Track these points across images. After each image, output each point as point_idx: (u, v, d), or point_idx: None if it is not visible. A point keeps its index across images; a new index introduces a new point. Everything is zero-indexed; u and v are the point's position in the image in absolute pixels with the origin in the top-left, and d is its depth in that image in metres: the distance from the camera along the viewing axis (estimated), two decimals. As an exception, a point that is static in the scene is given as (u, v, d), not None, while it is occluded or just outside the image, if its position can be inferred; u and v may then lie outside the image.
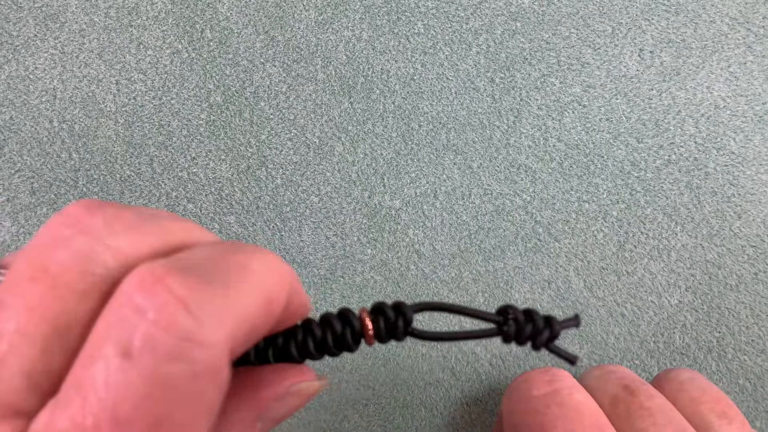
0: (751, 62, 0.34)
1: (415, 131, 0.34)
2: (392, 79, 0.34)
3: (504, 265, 0.32)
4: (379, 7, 0.35)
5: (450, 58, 0.34)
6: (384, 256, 0.32)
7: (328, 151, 0.33)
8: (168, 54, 0.34)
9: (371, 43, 0.34)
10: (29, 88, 0.34)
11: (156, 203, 0.33)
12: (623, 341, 0.32)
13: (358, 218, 0.33)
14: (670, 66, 0.34)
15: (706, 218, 0.32)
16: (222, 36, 0.35)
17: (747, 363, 0.31)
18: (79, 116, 0.34)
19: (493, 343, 0.32)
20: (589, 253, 0.32)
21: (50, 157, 0.33)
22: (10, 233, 0.32)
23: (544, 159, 0.33)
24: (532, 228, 0.33)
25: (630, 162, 0.33)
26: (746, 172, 0.33)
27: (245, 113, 0.34)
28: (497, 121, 0.34)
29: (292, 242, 0.33)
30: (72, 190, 0.33)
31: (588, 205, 0.33)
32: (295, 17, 0.35)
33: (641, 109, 0.34)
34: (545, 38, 0.34)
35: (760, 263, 0.32)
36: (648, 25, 0.34)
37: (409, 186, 0.33)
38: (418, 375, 0.32)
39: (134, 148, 0.33)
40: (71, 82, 0.34)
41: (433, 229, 0.33)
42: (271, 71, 0.34)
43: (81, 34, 0.35)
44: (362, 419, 0.32)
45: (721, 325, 0.32)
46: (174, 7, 0.35)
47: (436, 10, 0.35)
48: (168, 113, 0.34)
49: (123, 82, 0.34)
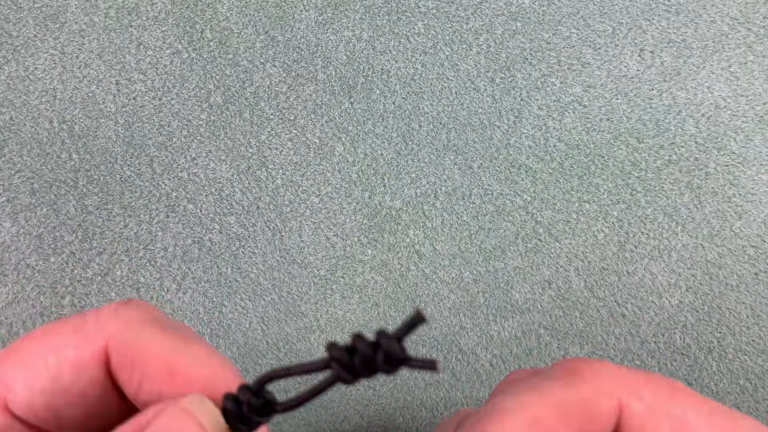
0: (751, 62, 0.34)
1: (416, 131, 0.34)
2: (392, 79, 0.34)
3: (504, 265, 0.32)
4: (380, 7, 0.35)
5: (450, 58, 0.34)
6: (384, 256, 0.32)
7: (329, 152, 0.33)
8: (168, 54, 0.34)
9: (371, 43, 0.34)
10: (29, 88, 0.34)
11: (156, 204, 0.33)
12: (624, 341, 0.32)
13: (358, 219, 0.33)
14: (670, 66, 0.34)
15: (706, 218, 0.32)
16: (222, 36, 0.35)
17: (748, 363, 0.31)
18: (79, 116, 0.34)
19: (493, 344, 0.32)
20: (590, 253, 0.32)
21: (50, 158, 0.33)
22: (10, 234, 0.32)
23: (545, 159, 0.33)
24: (533, 228, 0.33)
25: (630, 162, 0.33)
26: (747, 172, 0.33)
27: (245, 113, 0.34)
28: (498, 121, 0.34)
29: (293, 243, 0.33)
30: (72, 190, 0.33)
31: (588, 205, 0.33)
32: (295, 17, 0.35)
33: (642, 109, 0.34)
34: (546, 38, 0.34)
35: (761, 263, 0.32)
36: (648, 25, 0.34)
37: (410, 186, 0.33)
38: (419, 375, 0.32)
39: (134, 148, 0.33)
40: (71, 83, 0.34)
41: (433, 229, 0.33)
42: (271, 71, 0.34)
43: (81, 34, 0.35)
44: (362, 420, 0.32)
45: (722, 325, 0.32)
46: (174, 7, 0.35)
47: (436, 10, 0.35)
48: (168, 114, 0.34)
49: (123, 83, 0.34)
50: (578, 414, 0.15)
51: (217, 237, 0.33)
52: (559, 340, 0.32)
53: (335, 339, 0.32)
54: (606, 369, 0.16)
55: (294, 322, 0.32)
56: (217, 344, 0.32)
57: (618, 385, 0.16)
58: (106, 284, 0.32)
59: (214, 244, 0.33)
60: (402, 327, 0.13)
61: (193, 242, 0.33)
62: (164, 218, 0.33)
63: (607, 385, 0.16)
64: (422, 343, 0.32)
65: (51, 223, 0.33)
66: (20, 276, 0.32)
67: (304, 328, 0.32)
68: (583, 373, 0.16)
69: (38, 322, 0.32)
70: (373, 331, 0.23)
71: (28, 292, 0.32)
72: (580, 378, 0.16)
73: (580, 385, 0.15)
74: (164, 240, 0.33)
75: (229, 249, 0.33)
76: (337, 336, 0.32)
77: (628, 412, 0.16)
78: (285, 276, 0.32)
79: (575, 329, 0.32)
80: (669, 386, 0.16)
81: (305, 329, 0.32)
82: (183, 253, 0.33)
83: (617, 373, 0.16)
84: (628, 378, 0.16)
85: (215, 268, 0.32)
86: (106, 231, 0.33)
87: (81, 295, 0.32)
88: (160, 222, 0.33)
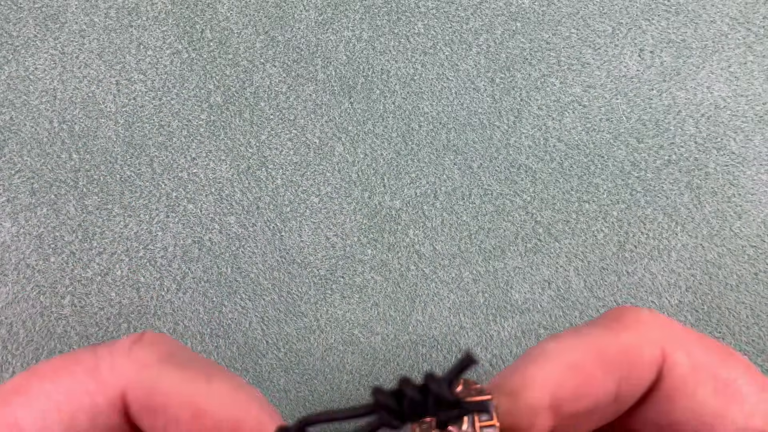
0: (751, 62, 0.34)
1: (416, 131, 0.34)
2: (392, 79, 0.34)
3: (504, 265, 0.32)
4: (379, 7, 0.35)
5: (450, 58, 0.34)
6: (384, 256, 0.33)
7: (329, 152, 0.33)
8: (168, 54, 0.34)
9: (371, 43, 0.34)
10: (29, 88, 0.34)
11: (156, 204, 0.33)
12: (623, 341, 0.32)
13: (358, 219, 0.33)
14: (670, 66, 0.34)
15: (706, 218, 0.32)
16: (222, 36, 0.35)
17: (747, 363, 0.31)
18: (79, 117, 0.34)
19: (493, 344, 0.32)
20: (590, 253, 0.32)
21: (50, 158, 0.33)
22: (10, 234, 0.32)
23: (545, 159, 0.33)
24: (533, 228, 0.33)
25: (630, 162, 0.33)
26: (747, 172, 0.33)
27: (245, 113, 0.34)
28: (497, 121, 0.34)
29: (292, 243, 0.33)
30: (72, 190, 0.33)
31: (588, 205, 0.33)
32: (295, 17, 0.35)
33: (641, 109, 0.34)
34: (545, 38, 0.34)
35: (761, 263, 0.32)
36: (648, 25, 0.34)
37: (410, 186, 0.33)
38: (419, 375, 0.32)
39: (134, 148, 0.33)
40: (71, 83, 0.34)
41: (433, 229, 0.33)
42: (271, 71, 0.34)
43: (81, 34, 0.35)
44: (362, 419, 0.32)
45: (722, 325, 0.32)
46: (174, 7, 0.35)
47: (436, 10, 0.35)
48: (168, 114, 0.34)
49: (123, 83, 0.34)
50: (619, 361, 0.15)
51: (217, 237, 0.33)
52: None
53: (333, 339, 0.32)
54: (654, 318, 0.16)
55: (294, 322, 0.32)
56: (217, 344, 0.32)
57: (664, 335, 0.15)
58: (106, 284, 0.32)
59: (214, 244, 0.33)
60: (452, 370, 0.13)
61: (193, 242, 0.33)
62: (164, 218, 0.33)
63: (652, 334, 0.15)
64: (422, 343, 0.32)
65: (51, 223, 0.33)
66: (20, 276, 0.32)
67: (304, 328, 0.32)
68: (628, 320, 0.15)
69: (38, 322, 0.32)
70: (395, 364, 0.23)
71: (28, 292, 0.32)
72: (624, 325, 0.15)
73: (622, 332, 0.15)
74: (164, 240, 0.33)
75: (229, 249, 0.33)
76: (336, 336, 0.32)
77: (671, 362, 0.15)
78: (285, 276, 0.32)
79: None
80: (724, 351, 0.15)
81: (305, 329, 0.32)
82: (183, 253, 0.33)
83: (666, 323, 0.16)
84: (679, 331, 0.15)
85: (215, 268, 0.32)
86: (106, 231, 0.33)
87: (81, 295, 0.32)
88: (160, 222, 0.33)
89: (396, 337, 0.32)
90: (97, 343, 0.17)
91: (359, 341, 0.32)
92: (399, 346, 0.32)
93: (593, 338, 0.15)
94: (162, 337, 0.16)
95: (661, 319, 0.16)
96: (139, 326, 0.33)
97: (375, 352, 0.32)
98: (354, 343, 0.32)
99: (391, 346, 0.32)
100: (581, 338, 0.15)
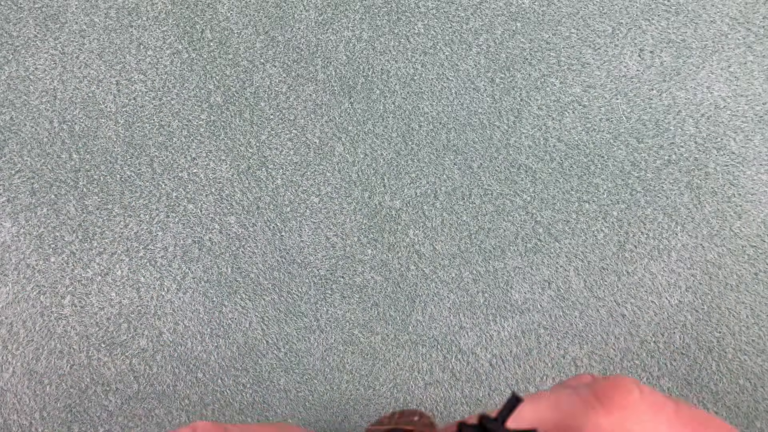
0: (751, 62, 0.34)
1: (416, 131, 0.34)
2: (392, 79, 0.34)
3: (504, 265, 0.32)
4: (379, 8, 0.35)
5: (450, 58, 0.34)
6: (384, 256, 0.33)
7: (329, 152, 0.33)
8: (168, 54, 0.34)
9: (371, 43, 0.34)
10: (29, 88, 0.34)
11: (156, 204, 0.33)
12: (623, 341, 0.32)
13: (358, 219, 0.33)
14: (670, 66, 0.34)
15: (706, 218, 0.32)
16: (222, 36, 0.35)
17: (747, 363, 0.31)
18: (79, 117, 0.34)
19: (493, 344, 0.32)
20: (590, 253, 0.32)
21: (50, 158, 0.33)
22: (10, 234, 0.33)
23: (545, 159, 0.33)
24: (532, 228, 0.33)
25: (630, 162, 0.33)
26: (746, 172, 0.33)
27: (245, 113, 0.34)
28: (497, 121, 0.34)
29: (293, 242, 0.33)
30: (72, 190, 0.33)
31: (588, 205, 0.33)
32: (295, 17, 0.35)
33: (641, 109, 0.34)
34: (545, 38, 0.34)
35: (760, 263, 0.32)
36: (648, 25, 0.34)
37: (410, 186, 0.33)
38: (419, 375, 0.32)
39: (134, 148, 0.33)
40: (71, 83, 0.34)
41: (433, 229, 0.33)
42: (271, 71, 0.34)
43: (81, 34, 0.35)
44: (362, 419, 0.32)
45: (722, 325, 0.32)
46: (174, 7, 0.35)
47: (436, 10, 0.35)
48: (168, 114, 0.34)
49: (123, 83, 0.34)
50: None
51: (217, 237, 0.33)
52: (558, 340, 0.32)
53: (333, 339, 0.32)
54: (643, 400, 0.16)
55: (294, 321, 0.32)
56: (217, 344, 0.32)
57: (647, 427, 0.15)
58: (107, 284, 0.32)
59: (214, 244, 0.33)
60: (503, 409, 0.14)
61: (193, 242, 0.33)
62: (164, 218, 0.33)
63: (635, 420, 0.15)
64: (422, 343, 0.32)
65: (51, 223, 0.33)
66: (20, 276, 0.32)
67: (304, 328, 0.32)
68: (618, 400, 0.16)
69: (38, 322, 0.32)
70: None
71: (28, 291, 0.32)
72: (614, 405, 0.16)
73: (605, 417, 0.16)
74: (164, 240, 0.33)
75: (229, 249, 0.33)
76: (336, 336, 0.32)
77: None
78: (285, 276, 0.32)
79: (575, 329, 0.32)
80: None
81: (305, 329, 0.32)
82: (183, 253, 0.33)
83: (655, 406, 0.16)
84: (664, 420, 0.16)
85: (215, 268, 0.32)
86: (106, 231, 0.33)
87: (81, 295, 0.32)
88: (160, 222, 0.33)
89: (396, 337, 0.32)
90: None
91: (359, 341, 0.32)
92: (399, 346, 0.32)
93: (579, 411, 0.16)
94: (214, 426, 0.16)
95: (649, 400, 0.16)
96: (139, 326, 0.33)
97: (375, 352, 0.32)
98: (354, 343, 0.32)
99: (391, 346, 0.32)
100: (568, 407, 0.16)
